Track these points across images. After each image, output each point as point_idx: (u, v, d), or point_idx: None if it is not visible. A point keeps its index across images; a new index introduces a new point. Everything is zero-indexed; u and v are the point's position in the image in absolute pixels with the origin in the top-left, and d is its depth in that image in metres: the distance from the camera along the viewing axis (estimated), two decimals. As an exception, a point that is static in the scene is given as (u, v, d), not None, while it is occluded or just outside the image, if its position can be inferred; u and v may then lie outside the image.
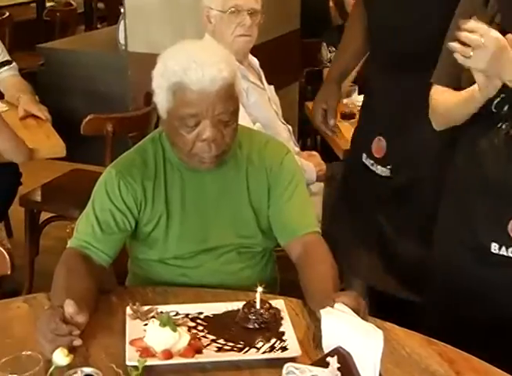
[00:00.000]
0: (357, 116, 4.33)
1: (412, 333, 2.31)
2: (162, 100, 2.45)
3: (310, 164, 3.69)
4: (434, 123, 2.95)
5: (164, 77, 2.42)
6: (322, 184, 4.10)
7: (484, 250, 2.80)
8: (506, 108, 2.67)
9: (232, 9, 3.55)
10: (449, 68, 2.74)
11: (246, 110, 3.54)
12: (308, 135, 5.16)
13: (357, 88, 4.40)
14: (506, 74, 2.47)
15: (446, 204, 3.00)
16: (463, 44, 2.38)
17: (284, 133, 3.67)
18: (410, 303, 3.41)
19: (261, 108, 3.69)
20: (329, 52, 5.00)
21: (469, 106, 2.68)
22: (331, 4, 5.52)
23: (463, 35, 2.41)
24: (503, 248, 2.78)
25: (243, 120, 2.97)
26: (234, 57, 2.54)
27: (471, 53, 2.39)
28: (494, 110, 2.68)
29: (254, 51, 3.81)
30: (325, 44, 5.06)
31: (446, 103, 2.80)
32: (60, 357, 1.75)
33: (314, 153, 3.91)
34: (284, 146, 2.80)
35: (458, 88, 2.71)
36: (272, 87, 3.87)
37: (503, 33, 2.44)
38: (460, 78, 2.72)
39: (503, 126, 2.71)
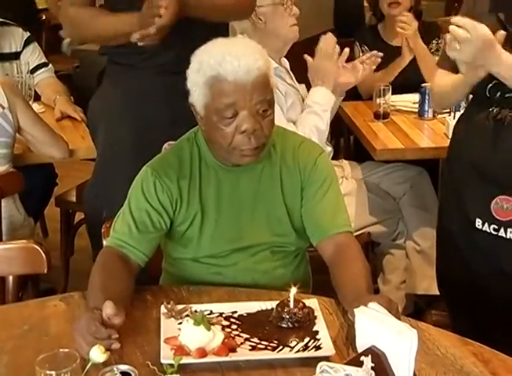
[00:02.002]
0: (391, 116, 4.36)
1: (446, 333, 2.30)
2: (199, 96, 2.46)
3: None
4: (434, 104, 3.07)
5: (199, 72, 2.43)
6: (355, 184, 4.12)
7: (470, 224, 2.92)
8: (498, 94, 2.74)
9: (284, 0, 3.67)
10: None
11: (285, 113, 3.58)
12: (342, 135, 5.15)
13: (391, 88, 4.39)
14: (492, 66, 2.63)
15: (445, 181, 3.13)
16: None
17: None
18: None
19: (297, 109, 3.72)
20: (362, 51, 4.99)
21: (459, 89, 2.85)
22: (365, 4, 5.49)
23: (451, 29, 2.55)
24: (486, 225, 2.90)
25: (279, 121, 3.00)
26: (273, 59, 2.57)
27: (457, 47, 2.55)
28: (488, 94, 2.76)
29: (289, 50, 3.83)
30: (358, 43, 5.07)
31: (443, 86, 2.94)
32: (97, 354, 1.77)
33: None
34: (318, 146, 2.81)
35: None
36: (303, 85, 3.88)
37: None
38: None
39: (494, 110, 2.78)
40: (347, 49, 3.90)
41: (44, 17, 6.37)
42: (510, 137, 2.83)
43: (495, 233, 2.88)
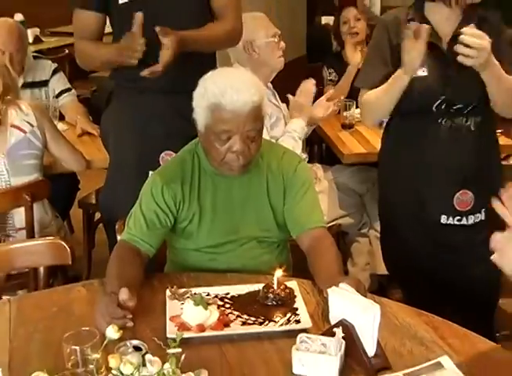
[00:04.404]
0: (355, 126, 4.35)
1: (403, 306, 2.30)
2: (201, 117, 2.46)
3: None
4: (367, 121, 3.03)
5: (204, 97, 2.43)
6: (327, 184, 4.11)
7: (434, 222, 2.92)
8: (443, 107, 2.75)
9: (275, 35, 3.74)
10: (374, 69, 2.88)
11: (269, 130, 3.60)
12: (315, 143, 5.15)
13: (354, 103, 4.39)
14: (493, 66, 2.70)
15: (394, 187, 3.07)
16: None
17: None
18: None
19: (280, 125, 3.75)
20: (329, 74, 5.02)
21: (395, 88, 2.78)
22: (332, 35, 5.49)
23: (466, 39, 2.60)
24: (450, 218, 2.92)
25: (264, 135, 3.00)
26: (262, 83, 2.59)
27: (475, 54, 2.60)
28: (434, 109, 2.76)
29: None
30: (325, 67, 5.08)
31: (376, 93, 2.87)
32: (112, 332, 1.76)
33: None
34: (298, 156, 2.82)
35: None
36: (284, 105, 3.90)
37: None
38: (380, 79, 2.83)
39: (443, 122, 2.79)
40: (331, 91, 4.13)
41: (67, 51, 6.34)
42: (465, 141, 2.85)
43: (458, 222, 2.90)
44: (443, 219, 2.93)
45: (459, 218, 2.92)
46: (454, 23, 2.84)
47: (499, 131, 3.17)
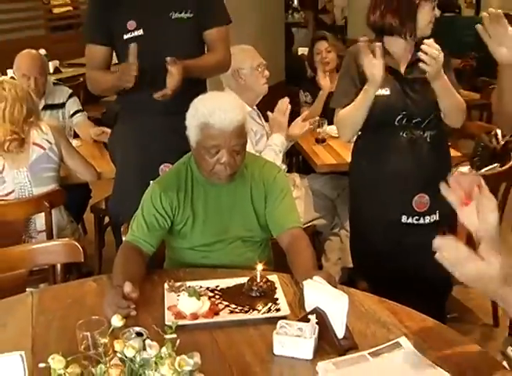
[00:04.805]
0: (327, 141, 4.35)
1: (369, 295, 2.30)
2: (193, 134, 2.46)
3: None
4: (344, 137, 3.02)
5: (194, 117, 2.43)
6: (303, 190, 4.11)
7: (395, 222, 2.93)
8: (404, 121, 2.76)
9: (259, 66, 3.74)
10: (346, 91, 2.87)
11: (254, 144, 3.61)
12: (293, 155, 5.16)
13: (326, 121, 4.40)
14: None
15: (357, 194, 3.09)
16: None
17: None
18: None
19: (264, 141, 3.74)
20: (305, 96, 5.03)
21: (365, 101, 2.78)
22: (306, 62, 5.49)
23: (427, 49, 2.63)
24: (410, 218, 2.93)
25: (250, 149, 3.02)
26: (246, 105, 2.60)
27: (433, 62, 2.63)
28: (396, 123, 2.77)
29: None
30: (301, 90, 5.08)
31: (349, 109, 2.87)
32: (116, 321, 1.74)
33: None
34: (277, 166, 2.82)
35: None
36: (267, 123, 3.90)
37: None
38: (352, 98, 2.84)
39: (404, 134, 2.80)
40: (306, 112, 4.12)
41: (81, 80, 6.37)
42: (422, 151, 2.87)
43: (416, 222, 2.91)
44: (403, 219, 2.93)
45: (417, 217, 2.93)
46: (409, 53, 2.87)
47: (449, 144, 3.20)
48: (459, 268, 1.62)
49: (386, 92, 2.82)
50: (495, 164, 3.76)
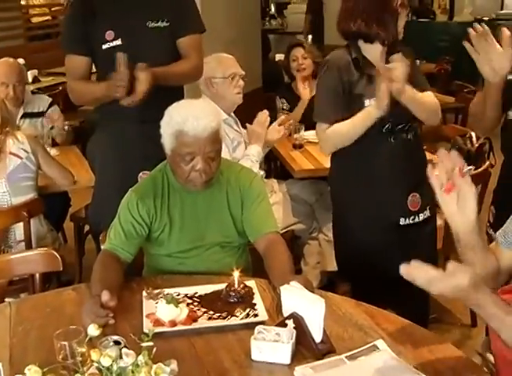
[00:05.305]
0: (305, 147, 4.36)
1: (346, 299, 2.30)
2: (167, 142, 2.44)
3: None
4: (327, 151, 3.01)
5: (169, 125, 2.42)
6: (282, 196, 4.11)
7: (393, 224, 2.93)
8: (391, 127, 2.79)
9: (232, 75, 3.71)
10: (334, 107, 2.86)
11: (231, 152, 3.61)
12: (272, 161, 5.17)
13: (303, 126, 4.41)
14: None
15: (343, 199, 3.07)
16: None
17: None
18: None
19: (241, 148, 3.76)
20: (281, 103, 5.04)
21: (366, 122, 2.79)
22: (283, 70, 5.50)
23: (393, 65, 2.67)
24: (407, 219, 2.95)
25: (226, 156, 3.03)
26: (220, 112, 2.58)
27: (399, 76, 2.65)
28: (384, 131, 2.78)
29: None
30: (278, 97, 5.09)
31: (345, 128, 2.85)
32: (93, 330, 1.73)
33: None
34: (253, 172, 2.82)
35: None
36: (245, 131, 3.90)
37: None
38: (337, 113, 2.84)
39: (392, 139, 2.83)
40: (283, 117, 4.19)
41: (60, 88, 6.35)
42: (408, 152, 2.90)
43: (412, 221, 2.93)
44: (401, 221, 2.94)
45: (413, 217, 2.95)
46: (384, 57, 2.87)
47: (424, 147, 3.22)
48: (432, 289, 1.66)
49: (374, 102, 2.82)
50: (470, 167, 3.77)
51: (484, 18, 10.81)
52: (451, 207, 1.84)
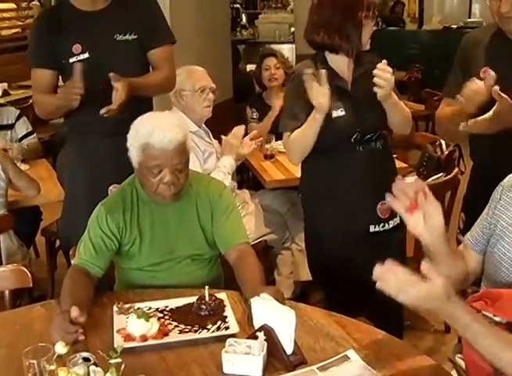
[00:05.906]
0: (276, 157, 4.36)
1: (317, 309, 2.30)
2: (134, 155, 2.43)
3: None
4: (294, 160, 3.03)
5: (135, 138, 2.41)
6: (254, 206, 4.10)
7: (364, 232, 2.93)
8: (359, 137, 2.83)
9: (201, 89, 3.73)
10: (296, 115, 2.85)
11: (202, 164, 3.60)
12: (244, 172, 5.17)
13: (274, 137, 4.42)
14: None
15: (313, 209, 3.06)
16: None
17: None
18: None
19: (213, 159, 3.75)
20: (252, 112, 5.04)
21: (312, 126, 2.78)
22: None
23: (384, 75, 2.67)
24: (377, 227, 2.95)
25: (197, 168, 3.03)
26: (191, 123, 2.54)
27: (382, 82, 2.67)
28: (352, 140, 2.79)
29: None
30: (248, 107, 5.10)
31: (299, 134, 2.85)
32: (60, 348, 1.72)
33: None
34: (222, 183, 2.81)
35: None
36: (216, 141, 3.89)
37: None
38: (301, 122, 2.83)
39: (361, 148, 2.84)
40: (255, 132, 4.14)
41: (31, 101, 6.32)
42: (376, 160, 2.91)
43: (382, 229, 2.93)
44: (371, 229, 2.95)
45: (383, 224, 2.95)
46: (350, 68, 2.88)
47: (395, 156, 3.24)
48: (402, 295, 1.66)
49: (341, 112, 2.83)
50: (441, 174, 3.81)
51: (453, 26, 10.96)
52: (418, 227, 1.86)
